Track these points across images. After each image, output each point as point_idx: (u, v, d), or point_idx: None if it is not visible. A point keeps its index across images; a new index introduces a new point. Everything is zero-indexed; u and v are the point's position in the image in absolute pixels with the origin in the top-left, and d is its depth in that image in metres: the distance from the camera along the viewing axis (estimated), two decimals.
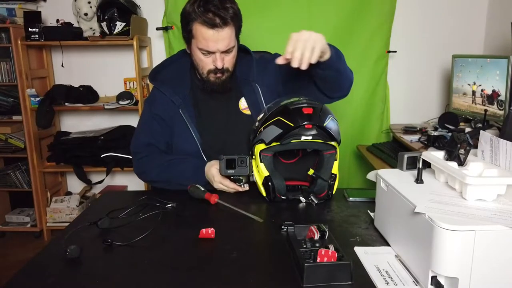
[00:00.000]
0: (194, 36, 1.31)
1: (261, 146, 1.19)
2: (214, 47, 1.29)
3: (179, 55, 1.50)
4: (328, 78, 1.32)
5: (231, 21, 1.28)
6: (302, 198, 1.21)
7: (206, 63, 1.34)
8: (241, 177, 1.27)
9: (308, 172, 1.21)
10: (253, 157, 1.24)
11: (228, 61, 1.35)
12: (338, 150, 1.22)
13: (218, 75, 1.35)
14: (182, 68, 1.45)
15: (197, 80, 1.44)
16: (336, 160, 1.21)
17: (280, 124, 1.13)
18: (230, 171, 1.24)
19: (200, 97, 1.43)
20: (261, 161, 1.19)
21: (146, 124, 1.46)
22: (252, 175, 1.25)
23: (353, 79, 1.42)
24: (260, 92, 1.42)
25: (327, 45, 1.20)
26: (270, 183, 1.18)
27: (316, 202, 1.19)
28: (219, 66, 1.32)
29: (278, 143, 1.15)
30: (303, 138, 1.12)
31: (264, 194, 1.21)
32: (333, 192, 1.22)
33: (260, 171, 1.20)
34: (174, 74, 1.45)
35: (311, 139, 1.13)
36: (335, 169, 1.21)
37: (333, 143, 1.18)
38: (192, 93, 1.43)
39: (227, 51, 1.32)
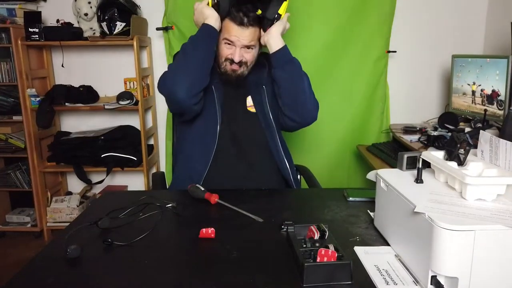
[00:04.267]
0: (222, 29, 1.46)
1: None
2: (237, 40, 1.44)
3: None
4: (282, 86, 1.46)
5: (256, 24, 1.46)
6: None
7: (226, 52, 1.46)
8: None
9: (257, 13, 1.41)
10: None
11: (247, 57, 1.47)
12: None
13: (234, 67, 1.46)
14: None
15: (217, 73, 1.53)
16: None
17: None
18: None
19: (220, 87, 1.52)
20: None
21: None
22: None
23: (313, 110, 1.50)
24: (266, 94, 1.53)
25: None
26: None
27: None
28: (236, 59, 1.45)
29: None
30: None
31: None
32: (282, 16, 1.46)
33: None
34: None
35: None
36: (282, 10, 1.45)
37: None
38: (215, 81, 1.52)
39: (247, 47, 1.46)
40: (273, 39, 1.46)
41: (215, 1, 1.41)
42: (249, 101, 1.54)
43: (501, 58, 2.02)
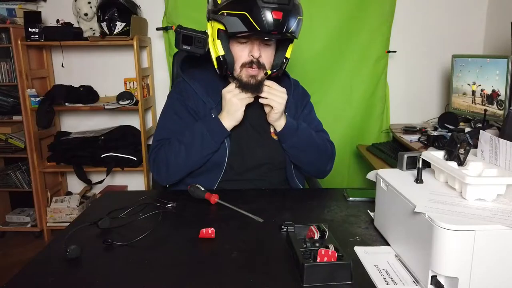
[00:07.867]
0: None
1: (221, 26, 1.20)
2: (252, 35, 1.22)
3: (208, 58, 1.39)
4: (289, 154, 1.36)
5: None
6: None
7: (241, 56, 1.25)
8: (196, 54, 1.30)
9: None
10: (211, 24, 1.25)
11: (265, 56, 1.26)
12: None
13: (253, 71, 1.24)
14: (216, 74, 1.35)
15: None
16: (292, 42, 1.29)
17: (246, 22, 1.12)
18: (186, 47, 1.29)
19: None
20: (218, 38, 1.23)
21: (176, 114, 1.34)
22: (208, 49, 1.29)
23: (324, 170, 1.47)
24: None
25: (283, 115, 1.30)
26: (222, 58, 1.24)
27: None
28: (256, 55, 1.23)
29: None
30: (265, 38, 1.21)
31: (216, 67, 1.28)
32: (284, 69, 1.32)
33: (215, 46, 1.24)
34: (208, 76, 1.38)
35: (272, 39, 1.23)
36: (288, 53, 1.30)
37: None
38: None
39: (266, 44, 1.25)
40: (276, 122, 1.31)
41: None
42: (272, 127, 1.36)
43: (501, 58, 2.02)
